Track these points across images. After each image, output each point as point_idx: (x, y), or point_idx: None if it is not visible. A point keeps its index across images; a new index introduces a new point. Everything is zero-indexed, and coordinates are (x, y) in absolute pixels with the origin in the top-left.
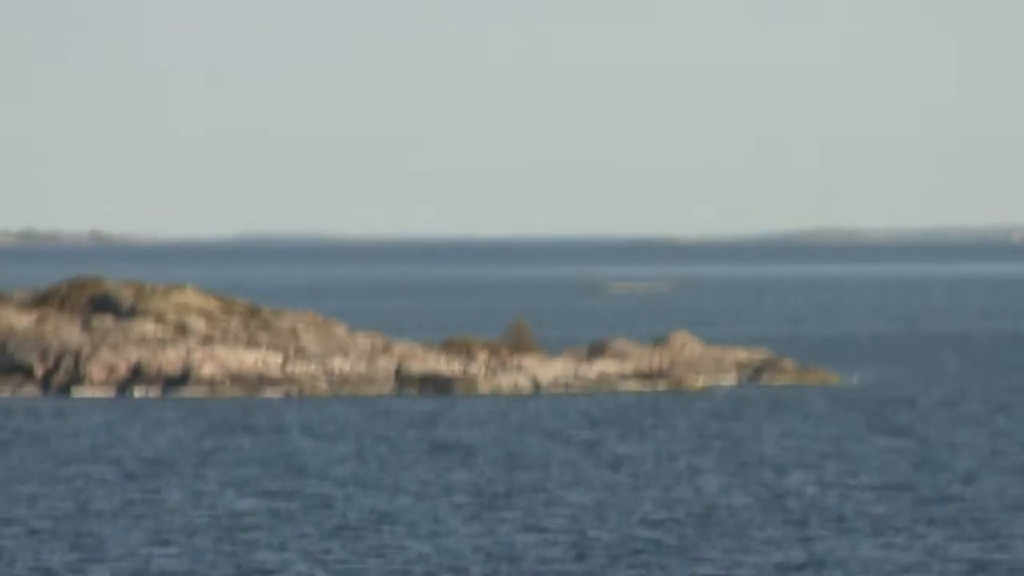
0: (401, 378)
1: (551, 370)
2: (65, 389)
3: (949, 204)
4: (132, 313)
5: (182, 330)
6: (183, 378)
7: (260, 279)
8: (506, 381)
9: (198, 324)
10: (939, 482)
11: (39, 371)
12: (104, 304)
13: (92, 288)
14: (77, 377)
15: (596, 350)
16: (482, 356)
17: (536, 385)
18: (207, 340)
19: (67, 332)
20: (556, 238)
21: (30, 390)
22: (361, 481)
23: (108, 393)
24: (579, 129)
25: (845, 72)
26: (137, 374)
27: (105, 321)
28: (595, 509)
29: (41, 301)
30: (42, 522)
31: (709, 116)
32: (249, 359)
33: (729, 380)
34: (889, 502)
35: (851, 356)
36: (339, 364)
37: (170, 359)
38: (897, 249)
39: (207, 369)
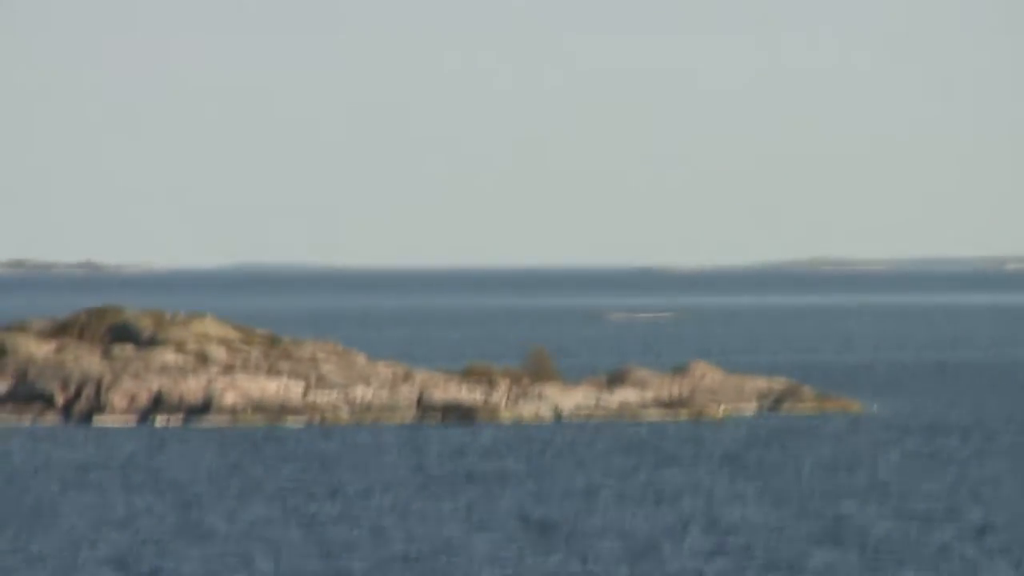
0: (423, 406)
1: (572, 398)
2: (86, 417)
3: (942, 235)
4: (152, 342)
5: (203, 359)
6: (205, 407)
7: (257, 309)
8: (528, 409)
9: (219, 353)
10: (989, 511)
11: (60, 399)
12: (124, 333)
13: (111, 317)
14: (98, 405)
15: (616, 378)
16: (503, 384)
17: (558, 413)
18: (228, 369)
19: (88, 361)
20: (551, 267)
21: (51, 418)
22: (407, 510)
23: (129, 422)
24: (574, 150)
25: (837, 100)
26: (159, 403)
27: (125, 350)
28: (646, 539)
29: (60, 330)
30: (96, 552)
31: (703, 145)
32: (271, 388)
33: (750, 408)
34: (941, 530)
35: (864, 384)
36: (361, 392)
37: (192, 388)
38: (892, 280)
39: (229, 398)
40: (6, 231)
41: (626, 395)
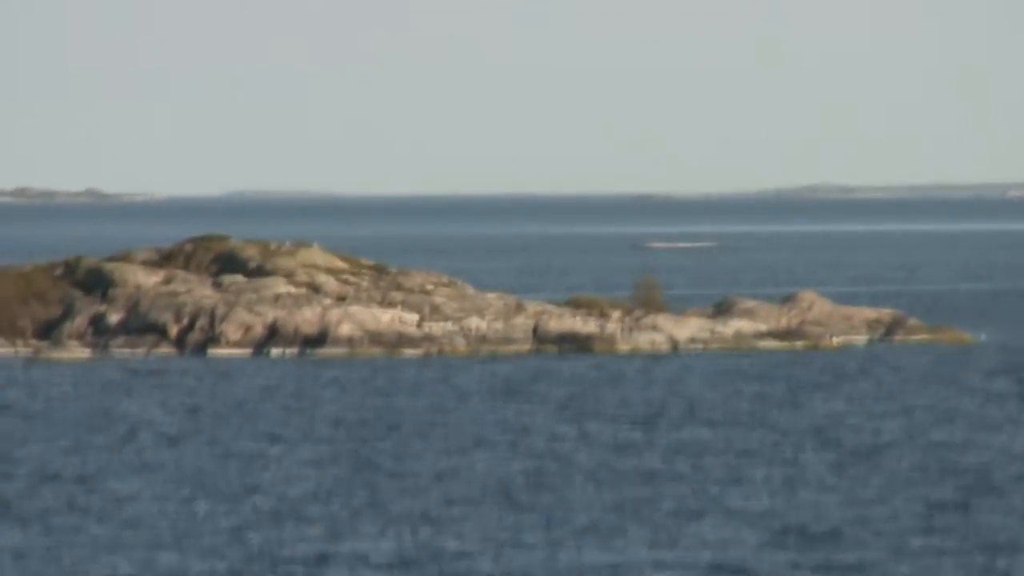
0: (539, 337)
1: (687, 329)
2: (200, 348)
3: (944, 161)
4: (260, 272)
5: (314, 289)
6: (320, 338)
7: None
8: (643, 339)
9: (329, 283)
10: None
11: (173, 331)
12: (230, 263)
13: (217, 246)
14: (213, 337)
15: (723, 308)
16: (616, 315)
17: (673, 344)
18: (340, 299)
19: (199, 291)
20: (554, 196)
21: (165, 349)
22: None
23: (244, 353)
24: (573, 88)
25: (841, 30)
26: (273, 334)
27: (236, 280)
28: (884, 485)
29: (165, 260)
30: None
31: (702, 73)
32: (385, 318)
33: (860, 338)
34: None
35: (953, 312)
36: (476, 323)
37: (307, 318)
38: (900, 207)
39: (345, 329)
40: (8, 160)
41: (740, 325)
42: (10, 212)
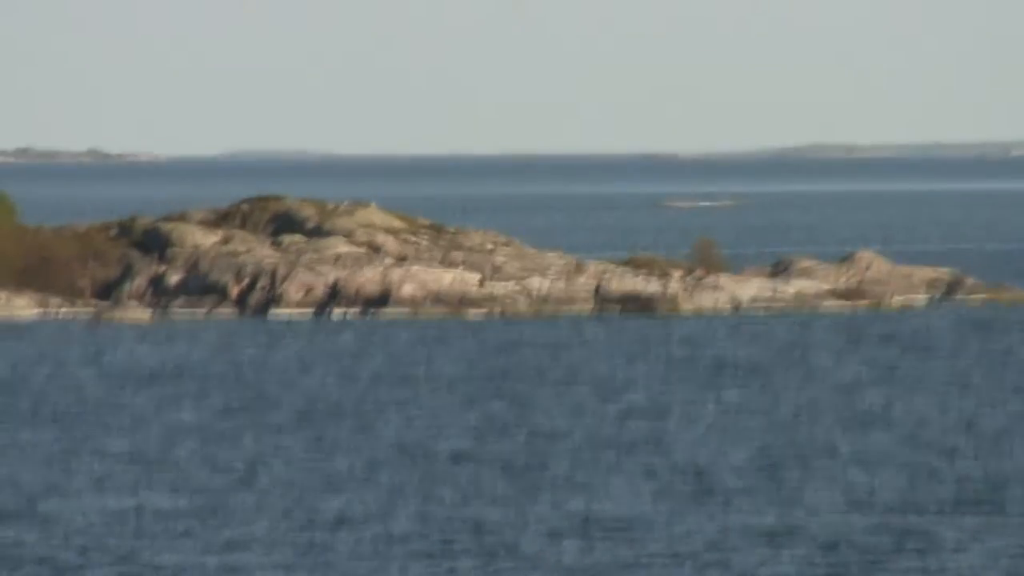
0: (601, 297)
1: (749, 289)
2: (262, 309)
3: (946, 120)
4: (318, 232)
5: (374, 249)
6: (383, 299)
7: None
8: (706, 300)
9: (389, 242)
10: None
11: (234, 291)
12: (288, 223)
13: (274, 206)
14: (274, 297)
15: (781, 268)
16: (677, 274)
17: (736, 304)
18: (401, 259)
19: (259, 252)
20: (557, 155)
21: (226, 310)
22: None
23: (306, 313)
24: (574, 49)
25: None
26: (335, 294)
27: (295, 240)
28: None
29: (222, 219)
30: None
31: (702, 31)
32: (447, 278)
33: (920, 299)
34: None
35: (996, 271)
36: (538, 283)
37: (368, 278)
38: (905, 166)
39: (407, 289)
40: (11, 120)
41: (801, 285)
42: (13, 172)
